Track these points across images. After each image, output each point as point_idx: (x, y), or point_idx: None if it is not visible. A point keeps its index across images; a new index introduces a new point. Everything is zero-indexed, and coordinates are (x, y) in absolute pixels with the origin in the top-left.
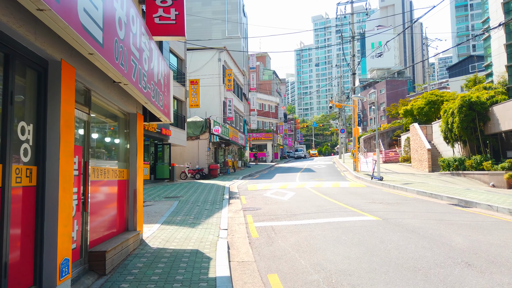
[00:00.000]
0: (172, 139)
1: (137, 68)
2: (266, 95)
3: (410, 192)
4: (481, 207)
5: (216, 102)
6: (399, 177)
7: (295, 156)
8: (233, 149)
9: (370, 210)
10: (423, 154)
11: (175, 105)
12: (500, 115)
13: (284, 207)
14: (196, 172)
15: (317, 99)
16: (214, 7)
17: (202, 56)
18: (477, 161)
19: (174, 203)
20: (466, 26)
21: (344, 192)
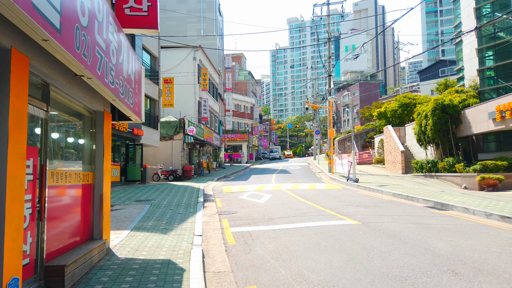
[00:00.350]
0: (145, 139)
1: (103, 61)
2: (242, 96)
3: (386, 194)
4: (457, 210)
5: (190, 102)
6: (374, 178)
7: (270, 157)
8: (208, 150)
9: (348, 213)
10: (397, 156)
11: (148, 104)
12: (472, 118)
13: (261, 210)
14: (169, 173)
15: (292, 101)
16: (189, 5)
17: (177, 55)
18: (449, 163)
19: (146, 207)
20: (436, 31)
21: (321, 194)
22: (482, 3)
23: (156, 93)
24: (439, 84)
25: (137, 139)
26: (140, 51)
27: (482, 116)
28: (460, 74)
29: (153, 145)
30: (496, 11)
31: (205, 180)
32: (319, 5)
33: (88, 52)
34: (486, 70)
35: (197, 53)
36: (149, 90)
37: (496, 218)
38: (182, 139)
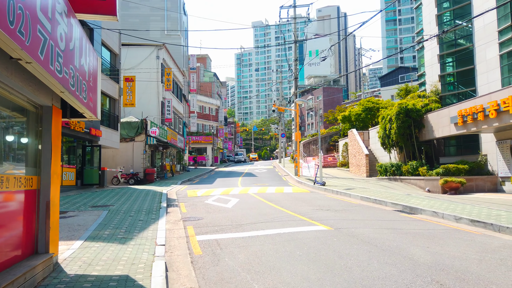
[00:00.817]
0: (103, 140)
1: (47, 44)
2: (207, 98)
3: (354, 198)
4: (426, 214)
5: (153, 102)
6: (340, 182)
7: (235, 160)
8: (171, 152)
9: (319, 218)
10: (361, 159)
11: (107, 104)
12: (434, 122)
13: (229, 216)
14: (130, 176)
15: (256, 104)
16: (153, 3)
17: (139, 53)
18: (413, 166)
19: (103, 213)
20: (395, 39)
21: (289, 198)
22: (443, 11)
23: (116, 91)
24: (400, 90)
25: (95, 140)
26: (99, 47)
27: (444, 121)
28: (421, 80)
29: (112, 147)
30: (456, 18)
31: (168, 183)
32: (286, 7)
33: (27, 30)
34: (447, 76)
35: (160, 51)
36: (108, 88)
37: (465, 222)
38: (144, 141)
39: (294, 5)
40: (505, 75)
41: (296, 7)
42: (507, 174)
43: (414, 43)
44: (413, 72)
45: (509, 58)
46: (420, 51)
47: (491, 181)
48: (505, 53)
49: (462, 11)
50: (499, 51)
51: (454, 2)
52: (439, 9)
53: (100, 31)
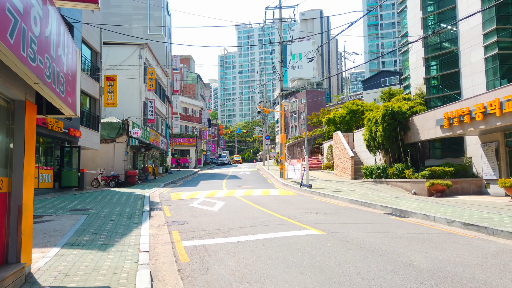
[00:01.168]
0: (83, 141)
1: (18, 26)
2: (190, 99)
3: (341, 200)
4: (417, 217)
5: (135, 102)
6: (326, 184)
7: (219, 162)
8: (154, 154)
9: (309, 222)
10: (346, 162)
11: (88, 103)
12: (420, 125)
13: (215, 219)
14: (110, 179)
15: (240, 106)
16: (135, 2)
17: (121, 52)
18: (399, 169)
19: (82, 218)
20: (377, 44)
21: (276, 201)
22: (428, 14)
23: (97, 91)
24: (383, 93)
25: (74, 141)
26: (79, 44)
27: (430, 123)
28: (406, 82)
29: (92, 148)
30: (441, 21)
31: (150, 186)
32: (271, 8)
33: None
34: (432, 78)
35: (143, 51)
36: (89, 87)
37: (458, 225)
38: (126, 142)
39: (280, 6)
40: (489, 78)
41: (282, 8)
42: (492, 177)
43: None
44: (395, 76)
45: (493, 62)
46: (404, 54)
47: (476, 184)
48: (490, 57)
49: (447, 14)
50: (484, 54)
51: (439, 6)
52: (424, 12)
53: (80, 27)
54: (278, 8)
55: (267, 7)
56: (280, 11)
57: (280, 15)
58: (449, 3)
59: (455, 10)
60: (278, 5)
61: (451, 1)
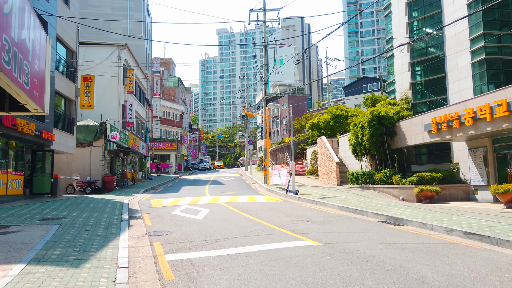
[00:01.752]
0: (57, 144)
1: None
2: (171, 103)
3: (331, 207)
4: (413, 225)
5: (114, 105)
6: (312, 190)
7: (200, 168)
8: (133, 159)
9: (302, 231)
10: (331, 167)
11: (63, 105)
12: (407, 130)
13: (201, 229)
14: (86, 185)
15: (221, 111)
16: (114, 2)
17: (99, 52)
18: (386, 175)
19: (53, 228)
20: (357, 51)
21: (264, 208)
22: (414, 19)
23: (73, 92)
24: (365, 98)
25: (47, 144)
26: (54, 42)
27: (417, 128)
28: (391, 88)
29: (67, 152)
30: (427, 26)
31: (129, 192)
32: (255, 11)
33: None
34: (418, 84)
35: (122, 52)
36: (64, 87)
37: (458, 234)
38: (103, 146)
39: (264, 9)
40: (477, 84)
41: (266, 10)
42: (480, 183)
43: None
44: (376, 82)
45: (480, 67)
46: (389, 59)
47: (463, 190)
48: (477, 62)
49: (433, 19)
50: (471, 60)
51: (425, 10)
52: (410, 17)
53: (55, 24)
54: (262, 11)
55: (251, 9)
56: (264, 13)
57: (264, 17)
58: (435, 8)
59: (441, 15)
60: (262, 7)
61: (437, 6)
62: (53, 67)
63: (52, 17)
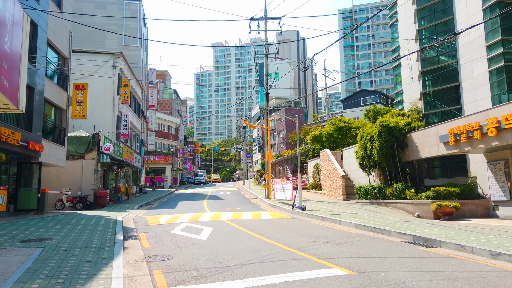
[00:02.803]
0: (45, 156)
1: None
2: (166, 115)
3: (346, 225)
4: (448, 247)
5: (108, 115)
6: (319, 205)
7: (195, 182)
8: (127, 173)
9: (325, 255)
10: (336, 181)
11: (53, 114)
12: (419, 142)
13: (207, 252)
14: (77, 200)
15: (216, 124)
16: (110, 11)
17: (93, 61)
18: (399, 189)
19: (35, 252)
20: (353, 64)
21: (272, 226)
22: (424, 26)
23: (64, 101)
24: (367, 111)
25: (34, 156)
26: (44, 47)
27: (431, 140)
28: (398, 98)
29: (57, 165)
30: (438, 34)
31: (123, 208)
32: (256, 19)
33: None
34: (429, 93)
35: (117, 60)
36: (55, 96)
37: (507, 259)
38: (96, 159)
39: (265, 17)
40: (495, 92)
41: (267, 19)
42: (501, 198)
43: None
44: (374, 95)
45: (499, 75)
46: (396, 68)
47: (483, 206)
48: (495, 69)
49: (446, 26)
50: (488, 67)
51: (436, 17)
52: (419, 24)
53: (46, 28)
54: (263, 19)
55: (252, 18)
56: (265, 22)
57: (266, 26)
58: (447, 15)
59: (454, 22)
60: (264, 15)
61: (449, 13)
62: (42, 73)
63: (42, 20)
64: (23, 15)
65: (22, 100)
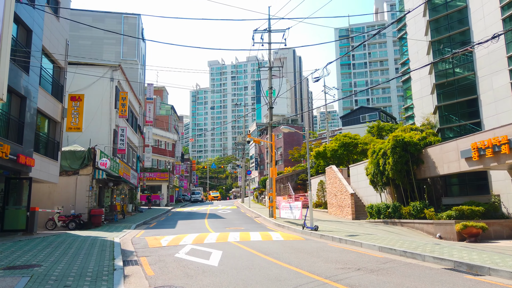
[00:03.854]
0: (37, 172)
1: None
2: (163, 131)
3: (368, 248)
4: (500, 275)
5: (104, 129)
6: (329, 225)
7: (192, 200)
8: (123, 190)
9: (363, 286)
10: (345, 199)
11: (46, 126)
12: (436, 157)
13: (223, 282)
14: (70, 219)
15: (211, 142)
16: (108, 25)
17: (90, 73)
18: (416, 208)
19: (20, 283)
20: (350, 82)
21: (288, 249)
22: (437, 37)
23: (59, 112)
24: (370, 127)
25: (24, 171)
26: (39, 55)
27: (451, 155)
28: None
29: (49, 181)
30: (453, 45)
31: (119, 228)
32: (260, 32)
33: None
34: (444, 107)
35: (115, 73)
36: (48, 107)
37: None
38: (91, 174)
39: (269, 30)
40: None
41: (271, 31)
42: None
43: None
44: (374, 112)
45: None
46: (406, 82)
47: (509, 226)
48: None
49: (462, 36)
50: (510, 79)
51: (450, 28)
52: (432, 35)
53: (41, 34)
54: (267, 32)
55: (255, 30)
56: (269, 34)
57: (269, 38)
58: (462, 25)
59: (469, 32)
60: (267, 28)
61: (465, 23)
62: (36, 82)
63: (37, 26)
64: None
65: (2, 85)
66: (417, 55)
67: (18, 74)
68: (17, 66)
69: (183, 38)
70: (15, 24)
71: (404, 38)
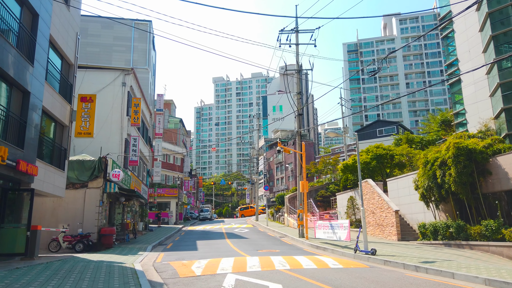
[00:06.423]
0: (40, 182)
1: None
2: (172, 145)
3: (467, 281)
4: None
5: (115, 138)
6: (382, 248)
7: (200, 218)
8: (133, 207)
9: None
10: (386, 218)
11: (52, 131)
12: (509, 168)
13: None
14: (77, 239)
15: (216, 158)
16: (117, 32)
17: (101, 78)
18: (491, 228)
19: None
20: (359, 97)
21: (363, 282)
22: (501, 30)
23: (67, 115)
24: (397, 139)
25: (25, 181)
26: (46, 44)
27: None
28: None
29: (54, 194)
30: None
31: (133, 250)
32: (286, 32)
33: None
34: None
35: (127, 77)
36: (55, 107)
37: None
38: (102, 188)
39: (297, 30)
40: None
41: (298, 32)
42: None
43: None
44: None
45: None
46: (454, 85)
47: None
48: None
49: None
50: None
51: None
52: (493, 29)
53: (49, 21)
54: (295, 32)
55: (281, 31)
56: (296, 34)
57: (297, 39)
58: None
59: None
60: (295, 28)
61: None
62: (42, 76)
63: (45, 10)
64: None
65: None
66: (468, 54)
67: (21, 63)
68: (20, 53)
69: (189, 55)
70: (18, 5)
71: (451, 37)
